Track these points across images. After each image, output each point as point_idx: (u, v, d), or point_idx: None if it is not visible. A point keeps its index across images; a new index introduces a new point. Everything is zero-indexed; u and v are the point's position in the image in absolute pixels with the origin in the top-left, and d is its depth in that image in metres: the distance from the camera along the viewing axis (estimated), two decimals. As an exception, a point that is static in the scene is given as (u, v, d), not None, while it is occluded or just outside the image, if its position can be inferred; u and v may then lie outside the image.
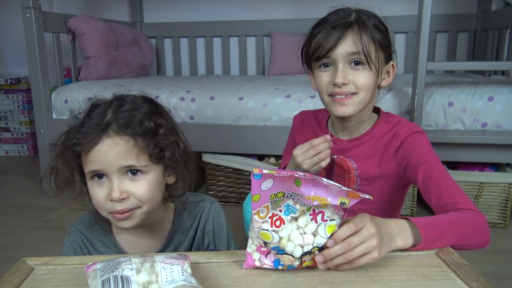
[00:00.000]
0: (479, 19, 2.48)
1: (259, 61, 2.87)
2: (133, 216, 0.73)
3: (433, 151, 0.88)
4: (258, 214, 0.62)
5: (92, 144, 0.70)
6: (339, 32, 0.85)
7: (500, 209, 1.66)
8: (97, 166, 0.71)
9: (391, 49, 0.90)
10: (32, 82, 1.95)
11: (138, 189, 0.72)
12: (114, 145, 0.70)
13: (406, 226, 0.70)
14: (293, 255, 0.62)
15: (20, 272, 0.65)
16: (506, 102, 1.59)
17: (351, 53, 0.85)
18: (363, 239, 0.63)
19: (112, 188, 0.71)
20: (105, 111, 0.73)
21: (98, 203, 0.73)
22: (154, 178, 0.74)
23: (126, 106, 0.74)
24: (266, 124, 1.80)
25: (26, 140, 2.93)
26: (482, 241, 0.75)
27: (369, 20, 0.88)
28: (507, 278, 1.31)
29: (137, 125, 0.71)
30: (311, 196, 0.61)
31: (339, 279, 0.62)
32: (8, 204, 2.01)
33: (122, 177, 0.72)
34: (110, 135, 0.70)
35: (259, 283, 0.62)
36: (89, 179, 0.74)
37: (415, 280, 0.62)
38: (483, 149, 1.60)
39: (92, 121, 0.72)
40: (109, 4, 3.01)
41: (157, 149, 0.73)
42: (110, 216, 0.74)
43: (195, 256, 0.69)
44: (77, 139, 0.71)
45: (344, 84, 0.86)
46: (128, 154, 0.70)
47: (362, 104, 0.89)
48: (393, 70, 0.93)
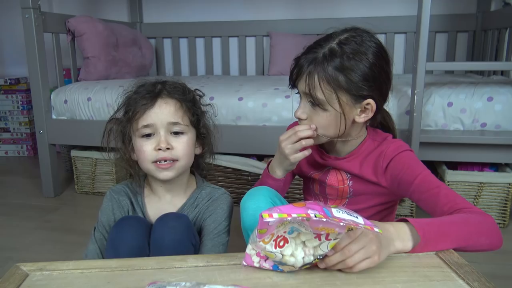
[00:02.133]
0: (479, 19, 2.48)
1: (258, 61, 2.87)
2: (173, 167, 0.91)
3: (422, 165, 0.87)
4: (263, 240, 0.62)
5: (148, 104, 0.89)
6: (301, 67, 0.86)
7: (500, 209, 1.66)
8: (150, 121, 0.89)
9: (370, 88, 0.84)
10: (32, 82, 1.95)
11: (179, 144, 0.91)
12: (165, 104, 0.90)
13: (405, 228, 0.70)
14: (294, 266, 0.63)
15: (14, 278, 0.63)
16: (506, 102, 1.59)
17: (304, 92, 0.87)
18: (362, 245, 0.63)
19: (160, 139, 0.89)
20: (154, 85, 0.93)
21: (147, 153, 0.90)
22: (190, 139, 0.94)
23: (169, 82, 0.95)
24: (266, 124, 1.80)
25: (26, 141, 2.93)
26: (493, 240, 0.73)
27: (338, 60, 0.82)
28: (507, 278, 1.31)
29: (182, 93, 0.94)
30: (319, 227, 0.60)
31: (341, 281, 0.62)
32: (8, 204, 2.01)
33: (168, 134, 0.90)
34: (163, 97, 0.91)
35: (260, 286, 0.62)
36: (138, 137, 0.91)
37: (417, 280, 0.62)
38: (482, 149, 1.60)
39: (145, 90, 0.92)
40: (108, 4, 3.01)
41: (195, 116, 0.94)
42: (153, 166, 0.90)
43: (194, 259, 0.69)
44: (135, 103, 0.90)
45: (301, 119, 0.89)
46: (175, 113, 0.91)
47: (323, 138, 0.90)
48: (372, 109, 0.86)
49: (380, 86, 0.86)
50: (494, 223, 0.75)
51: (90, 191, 2.10)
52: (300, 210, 0.58)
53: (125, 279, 0.64)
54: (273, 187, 0.96)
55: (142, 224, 0.90)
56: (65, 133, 2.03)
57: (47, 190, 2.07)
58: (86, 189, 2.11)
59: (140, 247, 0.86)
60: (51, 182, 2.05)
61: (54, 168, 2.06)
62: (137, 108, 0.90)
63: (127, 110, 0.93)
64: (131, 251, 0.84)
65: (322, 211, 0.59)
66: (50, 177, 2.04)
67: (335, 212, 0.60)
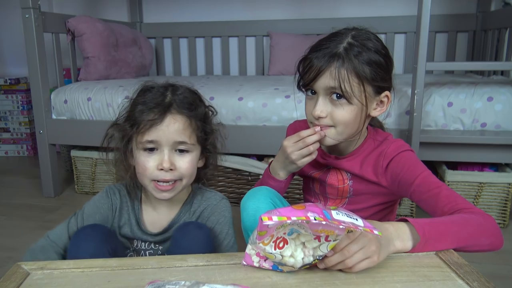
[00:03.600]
0: (479, 19, 2.49)
1: (258, 61, 2.87)
2: (174, 188, 0.86)
3: (423, 165, 0.87)
4: (262, 242, 0.62)
5: (157, 120, 0.82)
6: (322, 62, 0.83)
7: (500, 209, 1.66)
8: (154, 137, 0.82)
9: (385, 82, 0.87)
10: (32, 82, 1.95)
11: (184, 164, 0.85)
12: (174, 122, 0.83)
13: (404, 228, 0.70)
14: (293, 266, 0.63)
15: (16, 277, 0.63)
16: (506, 102, 1.59)
17: (329, 87, 0.84)
18: (361, 245, 0.63)
19: (164, 158, 0.83)
20: (164, 93, 0.86)
21: (147, 171, 0.84)
22: (195, 157, 0.88)
23: (180, 91, 0.88)
24: (266, 124, 1.80)
25: (26, 141, 2.93)
26: (493, 240, 0.73)
27: (360, 53, 0.83)
28: (507, 278, 1.31)
29: (193, 108, 0.86)
30: (318, 230, 0.60)
31: (341, 281, 0.62)
32: (8, 204, 2.01)
33: (172, 152, 0.84)
34: (172, 112, 0.83)
35: (260, 285, 0.62)
36: (140, 149, 0.85)
37: (416, 280, 0.62)
38: (482, 149, 1.60)
39: (153, 100, 0.84)
40: (108, 4, 3.01)
41: (203, 133, 0.88)
42: (152, 185, 0.85)
43: (194, 258, 0.69)
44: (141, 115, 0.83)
45: (321, 118, 0.86)
46: (183, 132, 0.84)
47: (341, 136, 0.88)
48: (388, 101, 0.89)
49: (391, 78, 0.88)
50: (495, 223, 0.75)
51: (90, 191, 2.10)
52: (300, 213, 0.58)
53: (125, 278, 0.64)
54: (274, 187, 0.96)
55: (98, 232, 0.84)
56: (65, 133, 2.03)
57: (47, 190, 2.07)
58: (86, 189, 2.11)
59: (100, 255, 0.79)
60: (51, 182, 2.05)
61: (54, 168, 2.06)
62: (143, 121, 0.83)
63: (131, 119, 0.86)
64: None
65: (322, 213, 0.59)
66: (50, 177, 2.05)
67: (335, 215, 0.60)
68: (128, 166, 0.90)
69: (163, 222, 0.95)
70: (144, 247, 0.94)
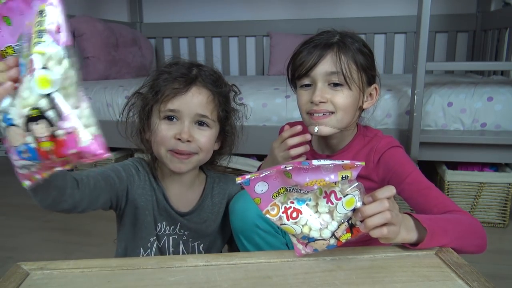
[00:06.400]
0: (479, 19, 2.49)
1: (258, 61, 2.87)
2: (190, 160, 0.85)
3: (413, 163, 0.89)
4: (268, 213, 0.63)
5: (181, 90, 0.82)
6: (319, 51, 0.86)
7: (500, 209, 1.66)
8: (177, 107, 0.82)
9: (374, 72, 0.91)
10: (32, 82, 1.95)
11: (202, 137, 0.84)
12: (198, 94, 0.83)
13: (408, 219, 0.70)
14: (323, 238, 0.63)
15: (15, 277, 0.63)
16: (506, 102, 1.59)
17: (330, 72, 0.85)
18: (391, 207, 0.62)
19: (183, 129, 0.82)
20: (190, 67, 0.86)
21: (164, 139, 0.83)
22: (213, 134, 0.87)
23: (206, 68, 0.88)
24: (266, 124, 1.80)
25: (26, 141, 2.92)
26: (480, 243, 0.75)
27: (352, 43, 0.88)
28: (507, 278, 1.31)
29: (218, 85, 0.87)
30: (307, 182, 0.60)
31: (340, 281, 0.62)
32: (8, 204, 2.01)
33: (192, 124, 0.84)
34: (197, 85, 0.84)
35: (259, 285, 0.62)
36: (161, 118, 0.84)
37: (416, 280, 0.62)
38: (482, 149, 1.60)
39: (179, 71, 0.84)
40: (108, 4, 3.01)
41: (224, 111, 0.88)
42: (169, 155, 0.84)
43: (194, 258, 0.69)
44: (165, 84, 0.83)
45: (322, 102, 0.86)
46: (206, 106, 0.84)
47: (340, 123, 0.88)
48: (376, 93, 0.93)
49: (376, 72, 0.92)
50: (481, 226, 0.76)
51: (90, 191, 2.10)
52: (271, 168, 0.60)
53: (125, 278, 0.64)
54: None
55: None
56: (65, 133, 2.03)
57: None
58: (86, 189, 2.11)
59: None
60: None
61: (54, 168, 2.06)
62: (167, 90, 0.82)
63: (155, 88, 0.85)
64: None
65: (299, 163, 0.60)
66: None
67: (316, 162, 0.60)
68: (146, 140, 0.88)
69: (191, 202, 0.93)
70: (168, 231, 0.91)
